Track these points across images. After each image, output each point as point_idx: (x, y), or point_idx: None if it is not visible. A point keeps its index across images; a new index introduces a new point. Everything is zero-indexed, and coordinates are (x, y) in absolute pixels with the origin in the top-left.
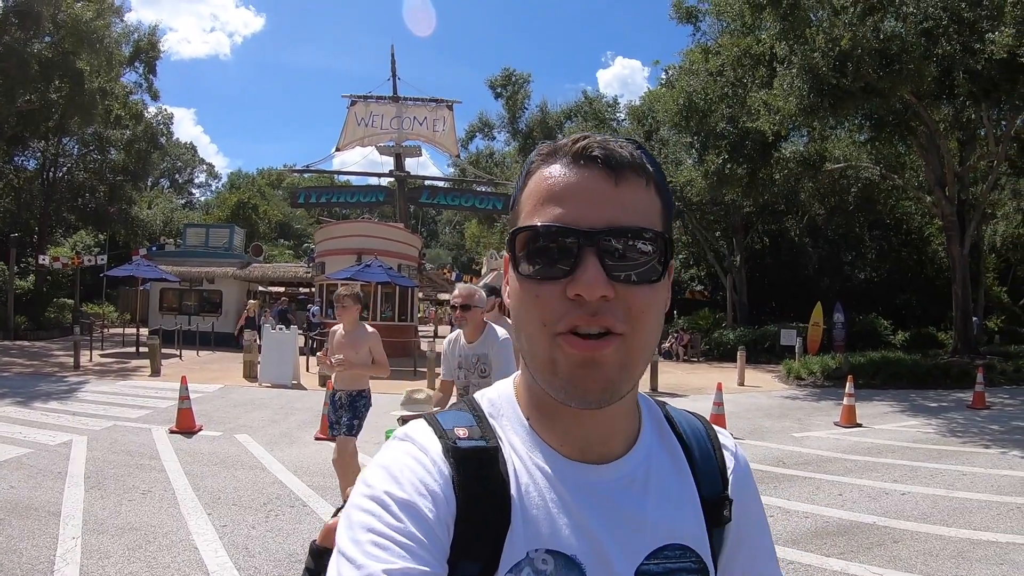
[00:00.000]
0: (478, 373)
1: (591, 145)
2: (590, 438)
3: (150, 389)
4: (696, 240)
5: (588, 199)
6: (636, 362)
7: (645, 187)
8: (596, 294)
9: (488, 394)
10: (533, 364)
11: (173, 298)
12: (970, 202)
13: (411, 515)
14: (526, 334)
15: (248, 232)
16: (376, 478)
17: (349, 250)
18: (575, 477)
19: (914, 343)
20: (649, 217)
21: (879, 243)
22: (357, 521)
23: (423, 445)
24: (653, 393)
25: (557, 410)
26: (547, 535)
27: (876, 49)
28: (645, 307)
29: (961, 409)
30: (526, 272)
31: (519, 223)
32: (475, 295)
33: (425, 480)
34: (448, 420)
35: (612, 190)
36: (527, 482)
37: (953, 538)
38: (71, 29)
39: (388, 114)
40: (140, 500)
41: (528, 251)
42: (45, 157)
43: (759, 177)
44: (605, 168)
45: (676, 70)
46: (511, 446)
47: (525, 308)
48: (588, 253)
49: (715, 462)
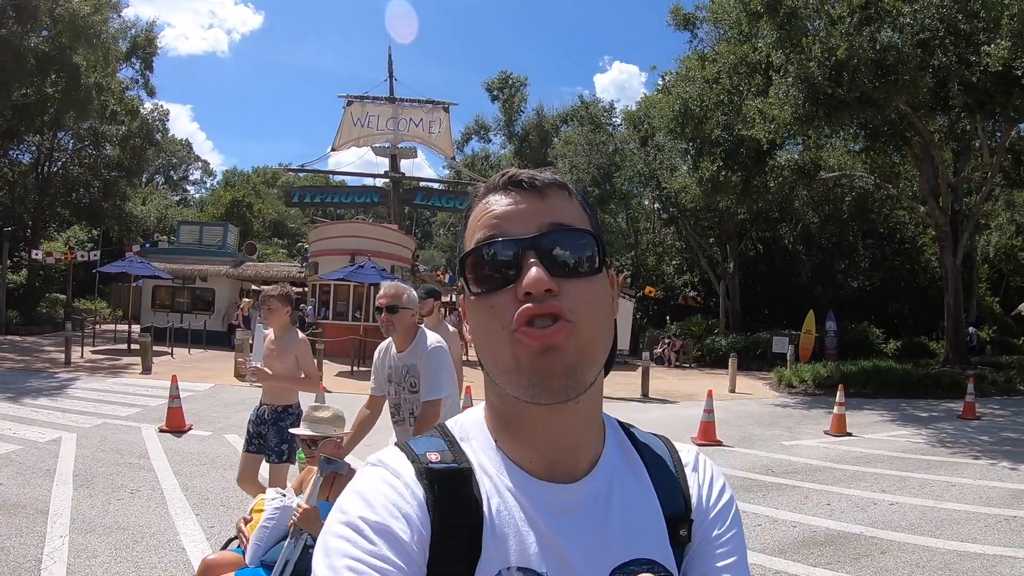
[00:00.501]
0: (408, 387)
1: (517, 174)
2: (558, 447)
3: (141, 387)
4: (690, 246)
5: (521, 214)
6: (592, 348)
7: (569, 198)
8: (542, 288)
9: (460, 419)
10: (497, 369)
11: (166, 295)
12: (964, 212)
13: (386, 538)
14: (488, 343)
15: (242, 230)
16: (350, 504)
17: (343, 250)
18: (544, 496)
19: (906, 352)
20: (578, 220)
21: (872, 252)
22: (333, 547)
23: (396, 469)
24: (644, 399)
25: (524, 420)
26: (518, 554)
27: (872, 59)
28: (588, 297)
29: (951, 419)
30: (478, 291)
31: (465, 250)
32: (403, 295)
33: (398, 503)
34: (420, 445)
35: (540, 203)
36: (498, 502)
37: (940, 550)
38: (68, 23)
39: (384, 115)
40: (128, 499)
41: (477, 272)
42: (40, 151)
43: (753, 184)
44: (531, 188)
45: (673, 76)
46: (482, 468)
47: (484, 320)
48: (528, 255)
49: (677, 483)
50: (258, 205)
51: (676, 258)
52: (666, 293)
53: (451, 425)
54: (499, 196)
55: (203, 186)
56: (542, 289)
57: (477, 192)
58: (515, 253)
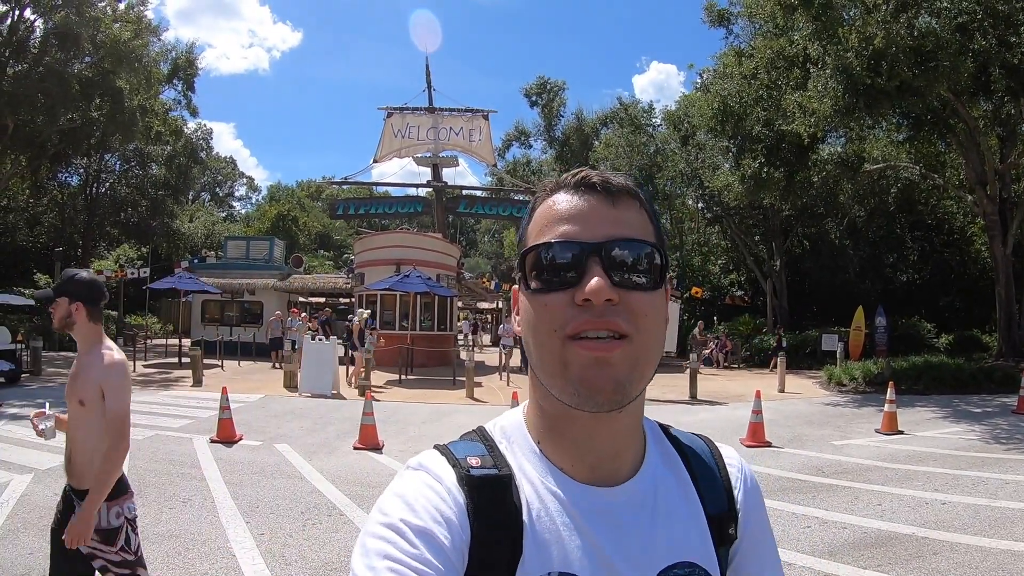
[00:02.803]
0: None
1: (590, 175)
2: (600, 453)
3: (192, 399)
4: (735, 245)
5: (590, 218)
6: (644, 364)
7: (638, 209)
8: (602, 297)
9: (499, 422)
10: (544, 371)
11: (215, 310)
12: (1013, 200)
13: (427, 542)
14: (537, 342)
15: (288, 244)
16: (391, 506)
17: (388, 260)
18: (586, 501)
19: (958, 347)
20: (644, 233)
21: (921, 244)
22: (373, 548)
23: (437, 474)
24: (692, 401)
25: (568, 425)
26: (559, 559)
27: (910, 47)
28: (647, 311)
29: (1005, 414)
30: (535, 287)
31: (528, 245)
32: None
33: (440, 508)
34: (460, 450)
35: (610, 210)
36: (539, 507)
37: (994, 550)
38: (110, 49)
39: (424, 125)
40: (180, 508)
41: (537, 268)
42: (88, 173)
43: (797, 180)
44: (603, 192)
45: (711, 74)
46: (523, 473)
47: (536, 318)
48: (593, 262)
49: (720, 481)
50: (303, 218)
51: (722, 257)
52: (713, 293)
53: (490, 428)
54: (569, 195)
55: (248, 201)
56: (603, 298)
57: (545, 187)
58: (579, 256)
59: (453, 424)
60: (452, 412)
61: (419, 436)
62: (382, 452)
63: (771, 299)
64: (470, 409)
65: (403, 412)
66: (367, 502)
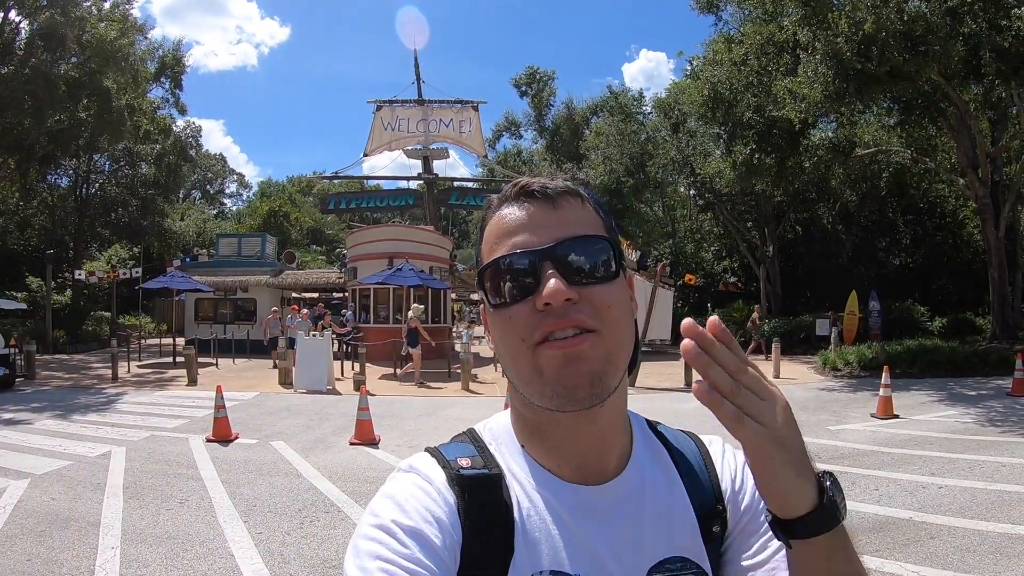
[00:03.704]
0: None
1: (529, 184)
2: (586, 453)
3: (187, 398)
4: (728, 231)
5: (536, 225)
6: (616, 355)
7: (582, 205)
8: (560, 298)
9: (489, 424)
10: (520, 381)
11: (208, 308)
12: (1004, 183)
13: (418, 542)
14: (509, 354)
15: (280, 240)
16: (382, 508)
17: (380, 254)
18: (574, 499)
19: (951, 329)
20: (591, 227)
21: (913, 228)
22: (364, 549)
23: (427, 475)
24: (688, 389)
25: (552, 429)
26: (550, 557)
27: (900, 31)
28: (610, 302)
29: (1000, 397)
30: (497, 302)
31: (484, 263)
32: None
33: (431, 508)
34: (451, 451)
35: (553, 213)
36: (528, 507)
37: (991, 533)
38: (96, 49)
39: (414, 117)
40: (177, 509)
41: (495, 283)
42: (77, 174)
43: (788, 166)
44: (544, 198)
45: (700, 61)
46: (512, 473)
47: (504, 332)
48: (546, 267)
49: (707, 478)
50: (295, 214)
51: (715, 244)
52: (706, 280)
53: (480, 430)
54: (513, 208)
55: (239, 198)
56: (561, 299)
57: (491, 203)
58: (532, 264)
59: (449, 417)
60: (448, 405)
61: (415, 430)
62: (378, 447)
63: (764, 285)
64: (466, 401)
65: (398, 407)
66: (364, 498)
